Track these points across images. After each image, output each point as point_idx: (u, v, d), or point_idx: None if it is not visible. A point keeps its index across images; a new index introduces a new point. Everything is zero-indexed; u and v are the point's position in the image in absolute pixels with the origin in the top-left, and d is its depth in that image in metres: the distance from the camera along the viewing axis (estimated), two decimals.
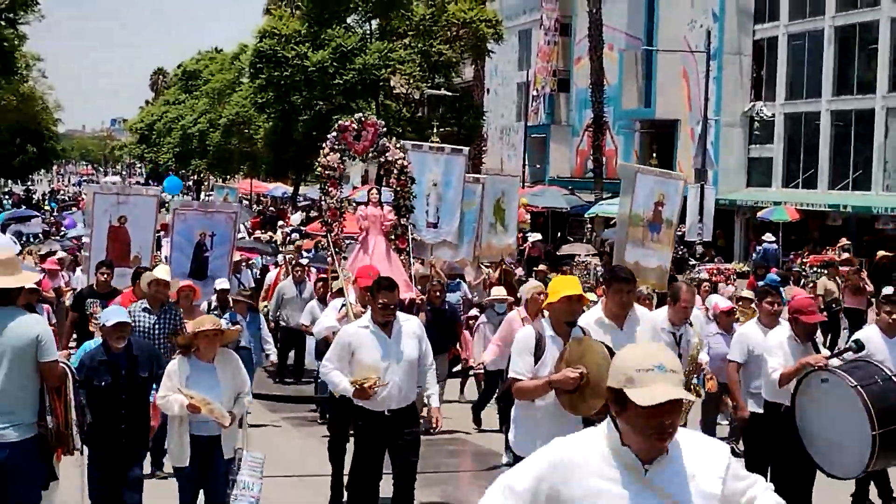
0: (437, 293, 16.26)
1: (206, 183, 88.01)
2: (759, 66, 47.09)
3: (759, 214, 43.12)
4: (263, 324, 15.96)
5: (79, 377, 8.64)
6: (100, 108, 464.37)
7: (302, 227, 42.40)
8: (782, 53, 45.56)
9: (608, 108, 48.63)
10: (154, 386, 9.35)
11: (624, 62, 51.48)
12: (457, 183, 18.60)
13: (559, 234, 51.46)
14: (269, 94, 45.23)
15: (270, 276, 22.24)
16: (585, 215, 45.80)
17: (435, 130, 49.35)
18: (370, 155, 17.44)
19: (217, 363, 9.19)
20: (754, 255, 38.60)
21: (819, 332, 13.43)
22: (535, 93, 58.17)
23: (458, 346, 16.51)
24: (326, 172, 16.82)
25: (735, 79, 46.67)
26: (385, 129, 17.43)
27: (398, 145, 17.66)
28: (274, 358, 16.37)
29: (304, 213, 56.06)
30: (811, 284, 25.52)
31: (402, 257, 16.78)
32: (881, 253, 29.88)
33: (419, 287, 17.07)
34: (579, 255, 34.45)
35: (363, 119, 17.09)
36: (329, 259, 16.75)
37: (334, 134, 16.82)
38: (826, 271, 25.46)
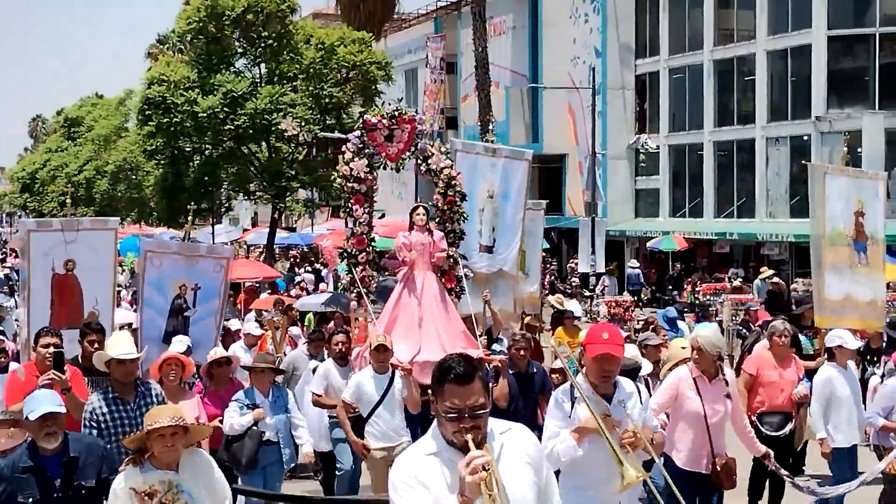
0: (523, 351, 11.36)
1: None
2: (642, 99, 48.38)
3: (648, 244, 44.24)
4: (293, 402, 10.97)
5: None
6: None
7: None
8: (664, 87, 46.88)
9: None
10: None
11: (510, 99, 52.30)
12: (517, 196, 14.87)
13: None
14: (158, 140, 44.79)
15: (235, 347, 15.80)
16: None
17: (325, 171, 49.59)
18: (405, 161, 13.44)
19: (182, 471, 6.69)
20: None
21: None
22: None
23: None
24: (350, 185, 12.87)
25: (619, 113, 47.83)
26: (423, 126, 13.51)
27: (444, 149, 13.64)
28: (309, 448, 10.97)
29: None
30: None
31: (452, 299, 12.83)
32: (775, 279, 30.75)
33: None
34: None
35: (397, 114, 13.15)
36: (353, 304, 12.93)
37: (358, 133, 13.09)
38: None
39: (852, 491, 10.67)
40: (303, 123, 42.84)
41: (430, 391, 4.82)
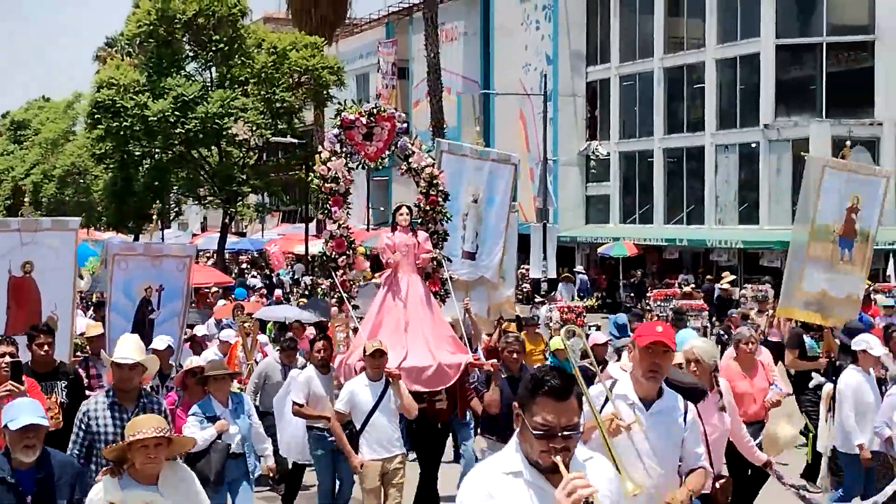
0: (516, 354, 10.92)
1: None
2: (592, 106, 48.73)
3: (599, 250, 44.52)
4: (251, 407, 10.49)
5: None
6: None
7: None
8: (615, 94, 47.25)
9: None
10: None
11: (462, 105, 52.44)
12: (501, 201, 14.14)
13: None
14: (108, 144, 44.45)
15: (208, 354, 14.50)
16: None
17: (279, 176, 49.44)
18: (384, 160, 12.68)
19: (162, 485, 6.37)
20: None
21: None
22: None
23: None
24: (328, 186, 12.13)
25: (570, 120, 48.16)
26: (406, 123, 12.83)
27: (427, 147, 12.92)
28: (271, 462, 10.65)
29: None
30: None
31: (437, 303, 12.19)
32: (725, 286, 31.05)
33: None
34: None
35: (376, 111, 12.41)
36: (333, 310, 12.19)
37: (336, 132, 12.31)
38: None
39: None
40: (254, 128, 42.75)
41: (516, 404, 4.31)
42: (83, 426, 7.82)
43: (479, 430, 10.73)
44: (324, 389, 11.15)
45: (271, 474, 10.51)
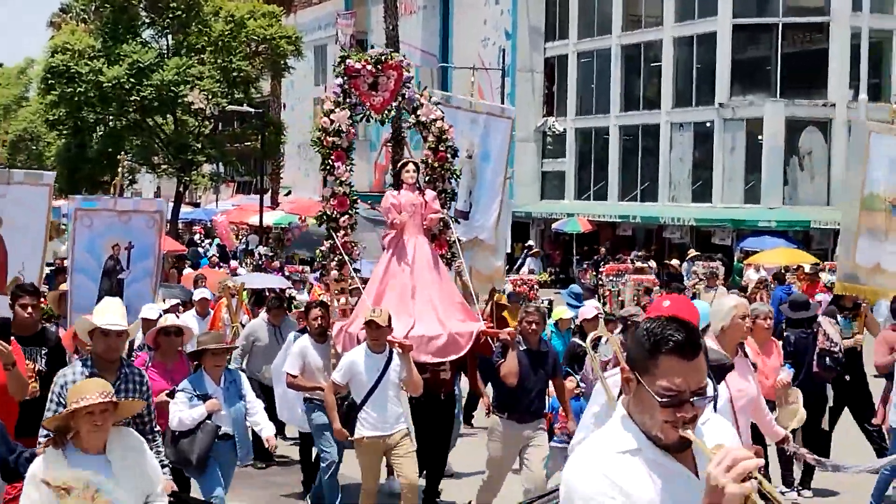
0: (535, 325, 9.96)
1: None
2: (550, 82, 48.79)
3: (553, 226, 44.70)
4: (247, 386, 9.40)
5: None
6: None
7: None
8: (572, 70, 47.37)
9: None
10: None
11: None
12: (497, 157, 13.15)
13: None
14: (61, 110, 44.00)
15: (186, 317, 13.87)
16: None
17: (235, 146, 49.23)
18: (391, 112, 11.66)
19: (111, 453, 5.79)
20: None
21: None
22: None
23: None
24: (329, 139, 11.15)
25: (528, 95, 48.19)
26: (412, 73, 11.74)
27: (434, 98, 11.87)
28: (270, 433, 9.36)
29: None
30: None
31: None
32: (673, 261, 31.44)
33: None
34: None
35: (383, 58, 11.43)
36: (332, 273, 11.27)
37: (340, 81, 11.31)
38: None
39: (877, 469, 10.18)
40: (210, 96, 42.50)
41: (626, 367, 3.54)
42: (62, 399, 6.76)
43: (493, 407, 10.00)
44: (320, 359, 10.59)
45: (274, 447, 9.66)
